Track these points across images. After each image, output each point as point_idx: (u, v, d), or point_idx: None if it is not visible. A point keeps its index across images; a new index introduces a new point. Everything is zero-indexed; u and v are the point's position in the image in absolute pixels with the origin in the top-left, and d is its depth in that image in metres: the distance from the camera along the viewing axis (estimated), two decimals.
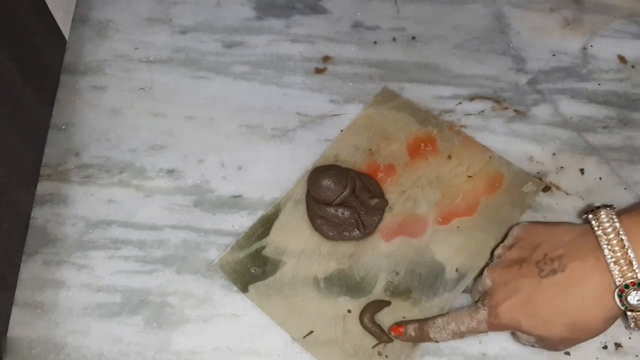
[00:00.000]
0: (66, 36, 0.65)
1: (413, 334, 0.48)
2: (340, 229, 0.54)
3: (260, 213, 0.56)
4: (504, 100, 0.61)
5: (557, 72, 0.63)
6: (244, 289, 0.52)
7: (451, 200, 0.56)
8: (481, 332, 0.47)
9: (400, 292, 0.52)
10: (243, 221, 0.56)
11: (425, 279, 0.52)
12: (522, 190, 0.56)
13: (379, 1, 0.68)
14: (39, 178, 0.58)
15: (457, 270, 0.53)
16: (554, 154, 0.58)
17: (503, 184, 0.56)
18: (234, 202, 0.57)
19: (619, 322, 0.51)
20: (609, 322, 0.44)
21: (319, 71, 0.64)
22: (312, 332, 0.51)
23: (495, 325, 0.46)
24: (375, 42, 0.65)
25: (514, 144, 0.59)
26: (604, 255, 0.42)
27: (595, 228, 0.43)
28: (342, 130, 0.60)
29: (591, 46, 0.65)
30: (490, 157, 0.57)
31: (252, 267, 0.53)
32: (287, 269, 0.53)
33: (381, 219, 0.55)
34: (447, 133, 0.59)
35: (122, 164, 0.59)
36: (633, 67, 0.63)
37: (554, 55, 0.64)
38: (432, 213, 0.55)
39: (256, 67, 0.64)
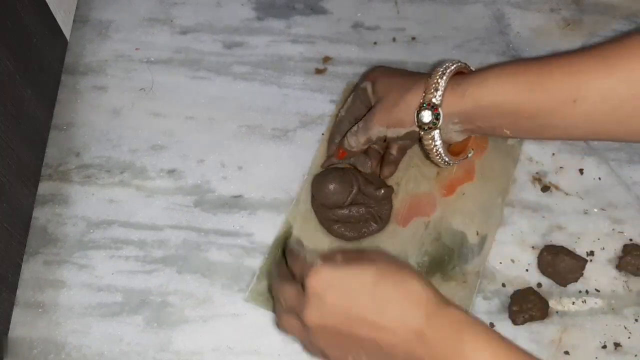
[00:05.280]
0: (67, 36, 0.65)
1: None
2: (358, 227, 0.54)
3: (260, 213, 0.56)
4: None
5: None
6: None
7: (448, 172, 0.57)
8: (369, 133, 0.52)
9: (433, 269, 0.53)
10: (243, 221, 0.56)
11: (451, 250, 0.53)
12: (507, 144, 0.58)
13: (379, 1, 0.68)
14: (39, 178, 0.58)
15: (477, 233, 0.54)
16: (553, 154, 0.58)
17: (489, 142, 0.58)
18: (234, 202, 0.57)
19: (618, 321, 0.51)
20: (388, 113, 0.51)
21: (319, 71, 0.64)
22: None
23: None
24: (375, 43, 0.66)
25: (521, 150, 0.59)
26: (425, 82, 0.49)
27: (434, 71, 0.49)
28: (322, 134, 0.60)
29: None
30: None
31: None
32: None
33: (392, 206, 0.55)
34: None
35: (122, 164, 0.59)
36: None
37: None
38: (435, 188, 0.56)
39: (256, 68, 0.64)
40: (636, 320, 0.51)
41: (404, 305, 0.41)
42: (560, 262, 0.52)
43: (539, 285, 0.53)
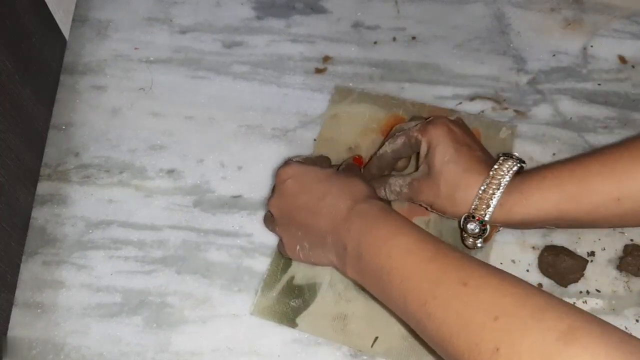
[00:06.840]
0: (66, 36, 0.65)
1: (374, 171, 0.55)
2: None
3: (260, 213, 0.56)
4: (505, 100, 0.61)
5: (558, 72, 0.63)
6: (292, 325, 0.51)
7: None
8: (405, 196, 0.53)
9: None
10: (243, 221, 0.56)
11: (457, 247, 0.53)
12: (499, 137, 0.58)
13: (379, 1, 0.68)
14: (38, 178, 0.58)
15: None
16: (554, 154, 0.58)
17: (481, 136, 0.58)
18: (234, 202, 0.57)
19: (619, 322, 0.51)
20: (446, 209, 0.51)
21: (319, 71, 0.64)
22: (377, 338, 0.50)
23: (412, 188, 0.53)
24: (375, 42, 0.65)
25: (514, 144, 0.59)
26: (479, 188, 0.49)
27: (494, 167, 0.49)
28: (315, 140, 0.60)
29: (591, 46, 0.65)
30: (459, 117, 0.58)
31: (291, 301, 0.52)
32: (325, 287, 0.52)
33: (391, 205, 0.55)
34: (412, 108, 0.60)
35: (122, 164, 0.59)
36: (633, 67, 0.63)
37: (554, 55, 0.64)
38: None
39: (256, 67, 0.64)
40: (637, 320, 0.51)
41: (340, 195, 0.47)
42: (561, 263, 0.52)
43: (540, 285, 0.53)
